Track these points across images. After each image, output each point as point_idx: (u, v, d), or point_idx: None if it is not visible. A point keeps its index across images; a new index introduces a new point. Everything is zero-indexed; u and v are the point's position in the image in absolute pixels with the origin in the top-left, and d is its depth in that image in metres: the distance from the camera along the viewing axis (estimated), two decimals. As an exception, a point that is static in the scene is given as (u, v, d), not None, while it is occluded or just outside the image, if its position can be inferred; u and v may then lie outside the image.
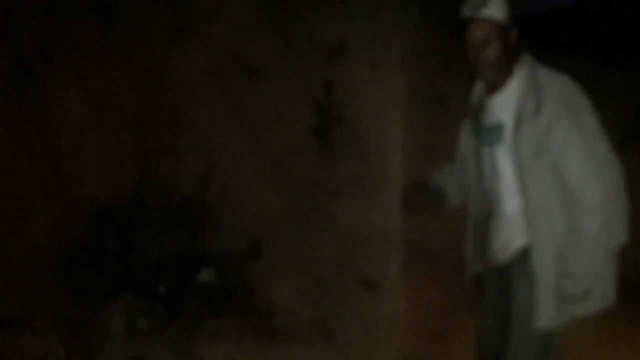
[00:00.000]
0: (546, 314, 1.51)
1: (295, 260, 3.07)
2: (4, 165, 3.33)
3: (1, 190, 3.23)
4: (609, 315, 1.71)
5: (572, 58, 3.78)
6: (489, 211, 1.76)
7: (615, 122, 3.34)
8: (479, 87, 1.82)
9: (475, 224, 1.88)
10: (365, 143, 3.35)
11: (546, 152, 1.52)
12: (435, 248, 3.00)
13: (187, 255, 3.10)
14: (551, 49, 3.99)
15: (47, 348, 2.67)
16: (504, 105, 1.67)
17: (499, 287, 1.75)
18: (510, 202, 1.65)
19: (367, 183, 3.30)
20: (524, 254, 1.59)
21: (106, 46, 3.57)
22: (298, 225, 3.27)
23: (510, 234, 1.67)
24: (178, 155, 3.55)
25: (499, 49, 1.63)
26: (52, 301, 2.83)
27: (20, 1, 3.55)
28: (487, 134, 1.74)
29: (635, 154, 3.29)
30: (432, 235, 3.06)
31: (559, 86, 1.59)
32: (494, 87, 1.70)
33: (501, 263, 1.72)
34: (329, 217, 3.31)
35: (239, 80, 3.55)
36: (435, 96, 3.25)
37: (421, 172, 3.26)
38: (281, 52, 3.49)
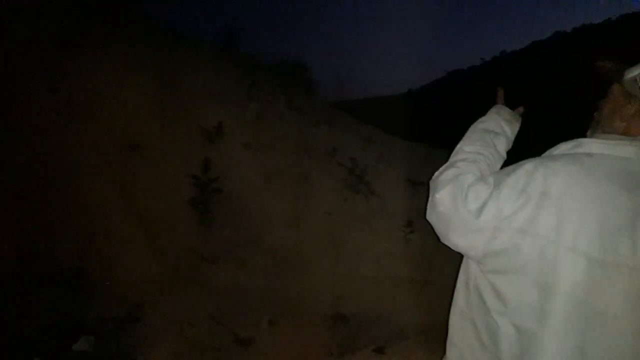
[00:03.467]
0: None
1: (172, 324, 3.29)
2: None
3: None
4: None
5: (410, 139, 4.60)
6: None
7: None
8: None
9: None
10: (239, 212, 3.76)
11: None
12: (299, 304, 3.43)
13: (65, 325, 3.18)
14: (390, 130, 4.82)
15: None
16: None
17: None
18: None
19: (240, 248, 3.69)
20: None
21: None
22: (175, 290, 3.52)
23: None
24: (59, 228, 3.66)
25: None
26: None
27: None
28: None
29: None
30: (298, 293, 3.50)
31: None
32: None
33: None
34: (205, 281, 3.62)
35: (122, 156, 3.82)
36: (298, 171, 3.78)
37: (290, 239, 3.76)
38: (164, 133, 3.85)
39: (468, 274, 1.24)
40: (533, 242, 1.07)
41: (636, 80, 1.13)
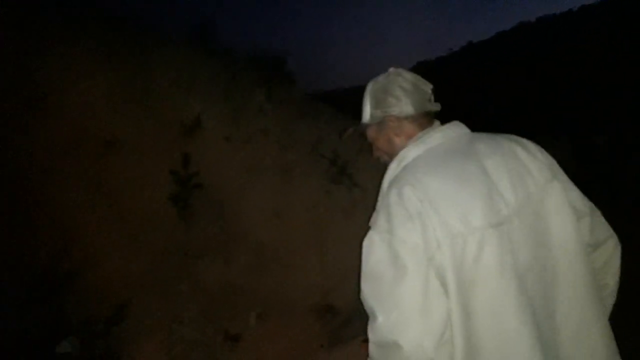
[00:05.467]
0: None
1: (160, 321, 3.25)
2: None
3: None
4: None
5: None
6: None
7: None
8: None
9: None
10: (221, 207, 3.73)
11: None
12: (287, 298, 3.42)
13: (48, 327, 3.10)
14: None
15: None
16: None
17: None
18: None
19: (225, 244, 3.65)
20: None
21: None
22: (162, 287, 3.47)
23: None
24: (34, 229, 3.55)
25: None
26: None
27: None
28: None
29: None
30: (285, 286, 3.49)
31: None
32: None
33: None
34: (191, 277, 3.57)
35: (97, 153, 3.72)
36: (281, 164, 3.77)
37: (275, 233, 3.74)
38: (139, 127, 3.77)
39: None
40: (454, 243, 1.14)
41: (371, 114, 1.44)
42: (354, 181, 3.77)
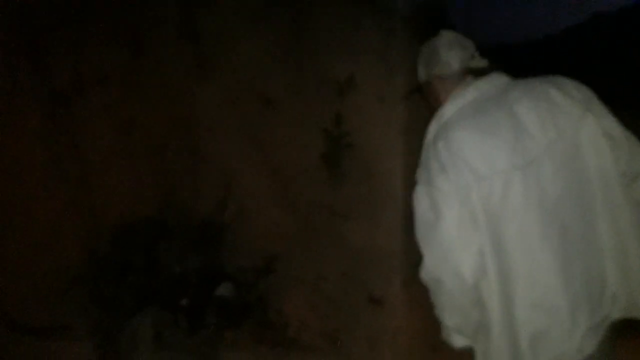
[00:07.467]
0: None
1: (306, 277, 3.34)
2: (37, 189, 3.58)
3: (36, 213, 3.50)
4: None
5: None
6: None
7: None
8: None
9: None
10: (371, 168, 3.64)
11: None
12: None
13: (207, 272, 3.37)
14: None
15: (83, 355, 2.94)
16: None
17: None
18: None
19: (372, 205, 3.59)
20: None
21: (134, 76, 3.86)
22: (308, 244, 3.55)
23: None
24: (198, 179, 3.85)
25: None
26: (85, 312, 3.11)
27: (55, 34, 3.84)
28: None
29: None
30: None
31: None
32: None
33: None
34: (337, 237, 3.59)
35: (255, 109, 3.86)
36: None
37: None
38: (295, 85, 3.80)
39: None
40: (481, 185, 1.36)
41: (421, 74, 1.93)
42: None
